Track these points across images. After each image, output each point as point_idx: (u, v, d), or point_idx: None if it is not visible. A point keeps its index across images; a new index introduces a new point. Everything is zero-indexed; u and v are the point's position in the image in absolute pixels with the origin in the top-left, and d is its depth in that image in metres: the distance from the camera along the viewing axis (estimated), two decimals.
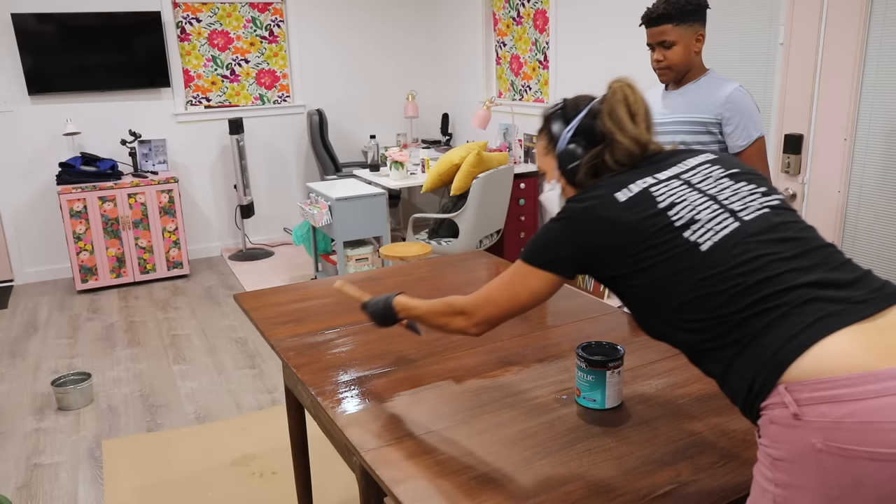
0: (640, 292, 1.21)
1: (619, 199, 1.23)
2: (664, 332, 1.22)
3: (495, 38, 5.56)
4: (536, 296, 1.32)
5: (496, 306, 1.36)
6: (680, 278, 1.16)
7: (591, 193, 1.27)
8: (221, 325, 4.32)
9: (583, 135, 1.35)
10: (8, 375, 3.72)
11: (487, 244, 4.50)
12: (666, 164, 1.29)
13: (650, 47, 2.30)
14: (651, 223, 1.19)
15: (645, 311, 1.23)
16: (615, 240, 1.21)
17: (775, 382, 1.03)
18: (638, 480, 1.26)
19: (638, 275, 1.20)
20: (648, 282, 1.19)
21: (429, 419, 1.49)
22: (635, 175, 1.28)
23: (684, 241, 1.17)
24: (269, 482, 2.70)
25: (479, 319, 1.38)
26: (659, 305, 1.19)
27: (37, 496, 2.68)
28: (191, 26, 5.47)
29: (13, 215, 5.15)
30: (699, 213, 1.19)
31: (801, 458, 1.00)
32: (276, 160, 5.99)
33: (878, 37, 2.77)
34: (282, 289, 2.33)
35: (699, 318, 1.14)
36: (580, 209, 1.26)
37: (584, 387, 1.51)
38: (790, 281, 1.09)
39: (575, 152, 1.35)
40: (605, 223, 1.22)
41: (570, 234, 1.26)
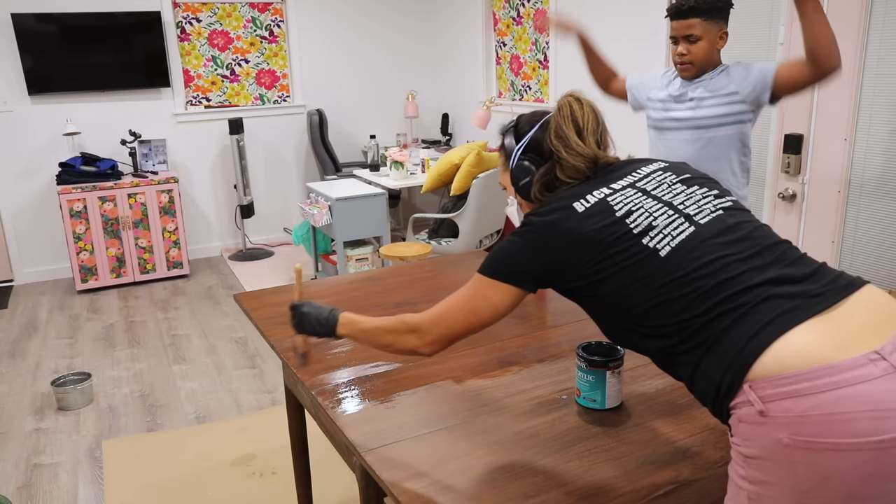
0: (602, 301, 1.22)
1: (578, 209, 1.24)
2: (630, 340, 1.22)
3: (495, 38, 5.56)
4: (497, 310, 1.29)
5: (453, 322, 1.31)
6: (641, 285, 1.17)
7: (551, 206, 1.27)
8: (221, 325, 4.32)
9: (534, 151, 1.36)
10: (8, 375, 3.73)
11: (487, 244, 4.50)
12: (619, 175, 1.30)
13: (673, 40, 2.29)
14: (610, 231, 1.20)
15: (609, 321, 1.24)
16: (577, 252, 1.21)
17: (741, 382, 1.05)
18: (638, 480, 1.26)
19: (599, 284, 1.21)
20: (610, 291, 1.20)
21: (429, 419, 1.49)
22: (590, 186, 1.28)
23: (643, 248, 1.18)
24: (269, 482, 2.70)
25: (434, 338, 1.32)
26: (622, 313, 1.20)
27: (37, 496, 2.68)
28: (191, 26, 5.47)
29: (13, 215, 5.15)
30: (656, 220, 1.20)
31: (770, 454, 1.01)
32: (276, 160, 5.99)
33: (878, 37, 2.77)
34: (282, 289, 2.33)
35: (662, 323, 1.15)
36: (541, 223, 1.25)
37: (584, 387, 1.51)
38: (747, 281, 1.11)
39: (526, 169, 1.36)
40: (567, 236, 1.22)
41: (532, 248, 1.25)
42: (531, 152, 1.36)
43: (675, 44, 2.30)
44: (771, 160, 3.22)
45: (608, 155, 1.36)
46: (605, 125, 1.37)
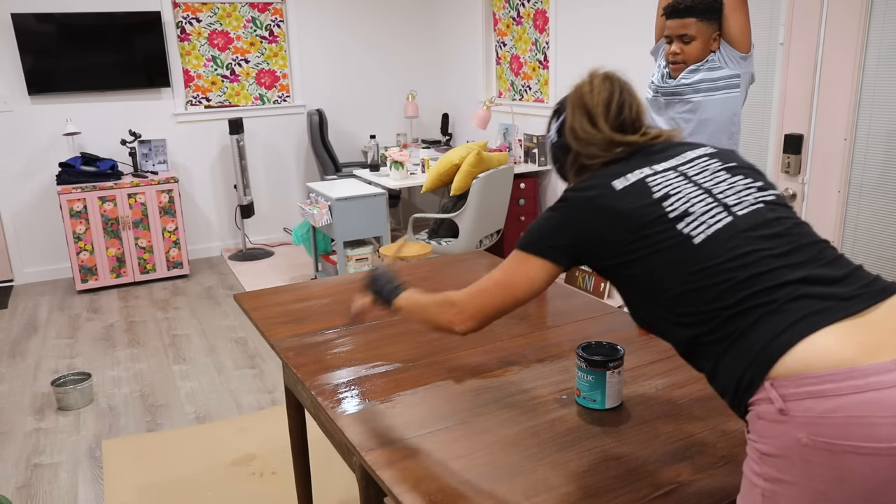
0: (635, 282, 1.21)
1: (616, 187, 1.24)
2: (657, 325, 1.22)
3: (495, 38, 5.56)
4: (533, 285, 1.29)
5: (488, 298, 1.31)
6: (672, 270, 1.16)
7: (589, 182, 1.27)
8: (221, 325, 4.32)
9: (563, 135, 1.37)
10: (8, 375, 3.72)
11: (487, 244, 4.50)
12: (663, 156, 1.29)
13: (668, 39, 2.30)
14: (645, 212, 1.20)
15: (639, 303, 1.23)
16: (612, 230, 1.21)
17: (762, 378, 1.04)
18: (638, 480, 1.26)
19: (632, 264, 1.20)
20: (642, 272, 1.19)
21: (429, 419, 1.48)
22: (632, 165, 1.28)
23: (677, 233, 1.17)
24: (269, 482, 2.70)
25: (469, 314, 1.33)
26: (653, 297, 1.19)
27: (37, 496, 2.68)
28: (191, 26, 5.47)
29: (13, 215, 5.15)
30: (693, 206, 1.19)
31: (787, 452, 1.01)
32: (276, 160, 5.99)
33: (877, 37, 2.77)
34: (282, 289, 2.33)
35: (691, 311, 1.14)
36: (578, 198, 1.26)
37: (584, 387, 1.51)
38: (780, 277, 1.10)
39: (557, 153, 1.40)
40: (603, 213, 1.22)
41: (569, 223, 1.26)
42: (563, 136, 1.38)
43: (669, 43, 2.31)
44: (771, 160, 3.22)
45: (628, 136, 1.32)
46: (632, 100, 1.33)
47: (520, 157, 5.16)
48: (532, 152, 4.99)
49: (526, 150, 5.07)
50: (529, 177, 4.90)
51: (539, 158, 4.94)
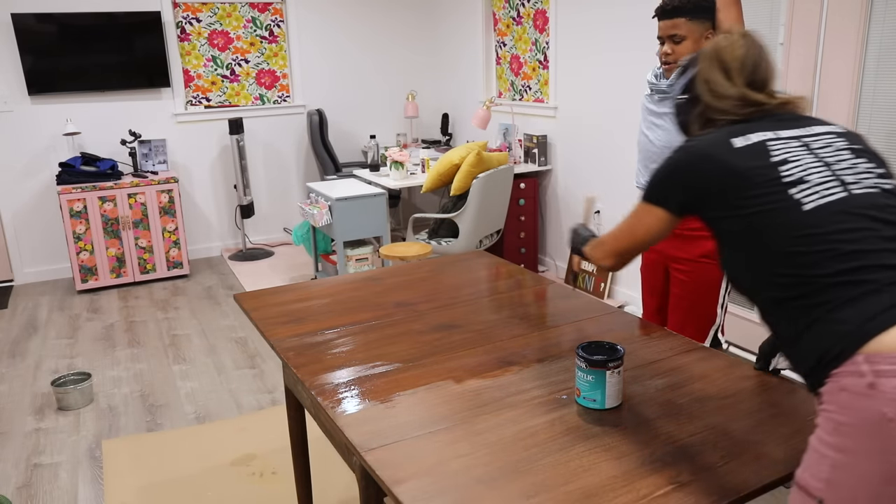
0: (736, 239, 1.25)
1: (735, 144, 1.28)
2: (750, 284, 1.25)
3: (495, 38, 5.56)
4: (650, 232, 1.41)
5: (619, 241, 1.48)
6: (777, 231, 1.19)
7: (708, 136, 1.32)
8: (221, 325, 4.32)
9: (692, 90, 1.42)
10: (8, 375, 3.72)
11: (487, 244, 4.50)
12: (790, 125, 1.32)
13: (660, 40, 2.32)
14: (759, 173, 1.23)
15: (738, 260, 1.27)
16: (721, 181, 1.26)
17: (854, 352, 1.06)
18: (638, 480, 1.26)
19: (738, 220, 1.24)
20: (746, 228, 1.23)
21: (429, 419, 1.48)
22: (756, 127, 1.31)
23: (788, 198, 1.20)
24: (269, 482, 2.70)
25: (607, 253, 1.51)
26: (752, 254, 1.22)
27: (37, 496, 2.68)
28: (191, 26, 5.47)
29: (13, 215, 5.15)
30: (809, 175, 1.22)
31: (868, 425, 1.03)
32: (276, 160, 5.99)
33: (877, 37, 2.77)
34: (282, 289, 2.33)
35: (789, 273, 1.17)
36: (695, 149, 1.31)
37: (584, 387, 1.51)
38: (885, 259, 1.12)
39: (683, 107, 1.45)
40: (715, 164, 1.27)
41: (680, 172, 1.32)
42: (691, 92, 1.43)
43: (661, 44, 2.32)
44: None
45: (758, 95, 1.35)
46: (765, 61, 1.36)
47: (520, 157, 5.16)
48: (532, 152, 4.99)
49: (526, 150, 5.07)
50: (529, 177, 4.90)
51: (539, 158, 4.94)
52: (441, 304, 2.15)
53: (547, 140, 4.94)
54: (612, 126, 4.35)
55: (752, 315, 3.55)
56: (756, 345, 3.58)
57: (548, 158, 4.98)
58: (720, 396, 1.55)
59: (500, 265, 2.53)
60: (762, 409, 1.49)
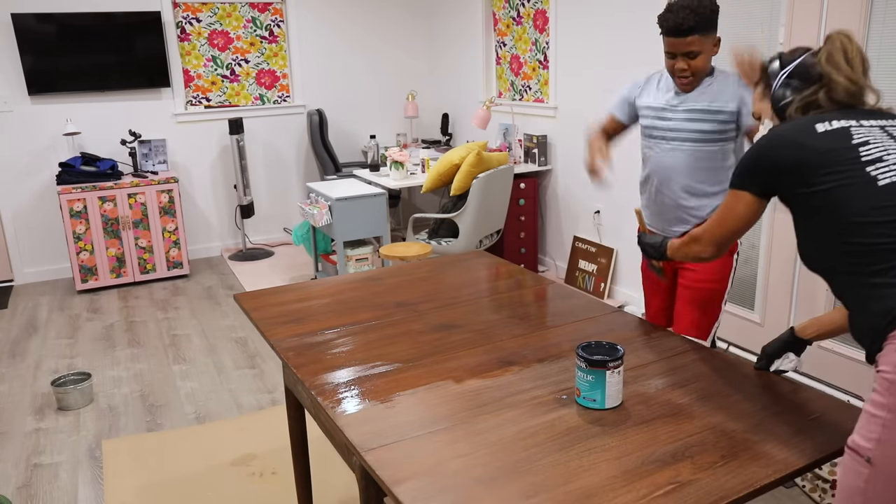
0: (813, 212, 1.36)
1: (818, 129, 1.38)
2: (822, 256, 1.36)
3: (495, 38, 5.56)
4: (741, 217, 1.52)
5: (715, 232, 1.58)
6: (852, 203, 1.30)
7: (792, 123, 1.42)
8: (221, 325, 4.32)
9: (797, 76, 1.51)
10: (8, 375, 3.72)
11: (487, 244, 4.50)
12: (874, 116, 1.42)
13: (669, 55, 2.23)
14: (839, 154, 1.33)
15: (812, 231, 1.38)
16: (800, 162, 1.36)
17: None
18: (638, 480, 1.26)
19: (817, 196, 1.34)
20: (824, 203, 1.33)
21: (429, 419, 1.49)
22: (840, 115, 1.41)
23: (864, 174, 1.31)
24: (269, 482, 2.70)
25: (707, 242, 1.61)
26: (827, 226, 1.33)
27: (37, 496, 2.68)
28: (191, 26, 5.47)
29: (13, 215, 5.15)
30: (888, 155, 1.32)
31: None
32: (276, 160, 5.99)
33: (878, 37, 2.77)
34: (282, 289, 2.33)
35: (859, 241, 1.28)
36: (777, 135, 1.42)
37: (584, 387, 1.51)
38: None
39: (787, 91, 1.52)
40: (795, 145, 1.38)
41: (763, 155, 1.43)
42: (796, 78, 1.52)
43: (671, 58, 2.24)
44: None
45: (871, 87, 1.46)
46: (868, 69, 1.48)
47: (520, 157, 5.16)
48: (532, 152, 4.99)
49: (526, 150, 5.07)
50: (529, 177, 4.90)
51: (539, 158, 4.94)
52: (441, 304, 2.15)
53: (547, 140, 4.94)
54: None
55: (752, 315, 3.56)
56: (755, 345, 3.59)
57: (548, 158, 4.98)
58: (720, 396, 1.55)
59: (500, 265, 2.53)
60: (762, 409, 1.49)
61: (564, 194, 4.89)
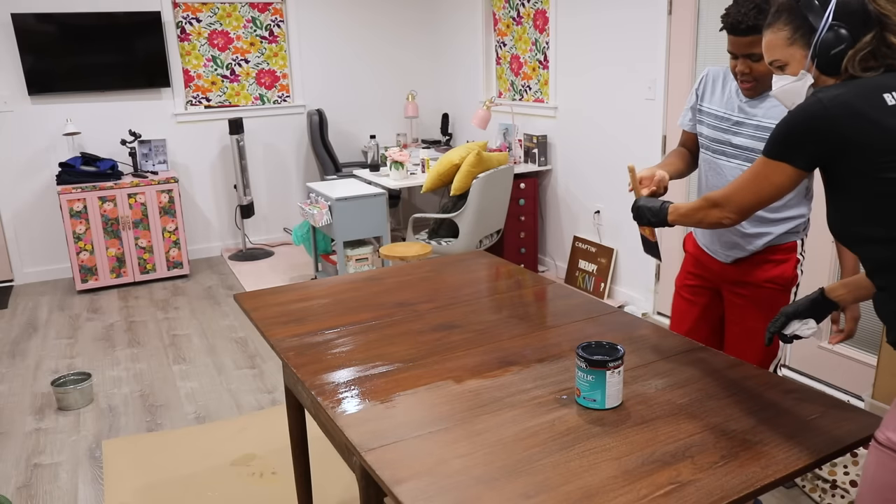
0: (865, 195, 1.23)
1: (888, 101, 1.20)
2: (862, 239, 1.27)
3: (495, 38, 5.56)
4: (780, 189, 1.36)
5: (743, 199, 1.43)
6: None
7: (854, 86, 1.22)
8: (221, 325, 4.32)
9: (844, 18, 1.26)
10: (8, 375, 3.72)
11: (487, 244, 4.50)
12: None
13: (731, 54, 1.98)
14: None
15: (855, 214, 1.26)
16: (873, 144, 1.19)
17: None
18: (638, 480, 1.26)
19: (878, 182, 1.21)
20: (884, 190, 1.21)
21: (429, 419, 1.49)
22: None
23: None
24: (269, 482, 2.70)
25: (731, 210, 1.46)
26: (879, 213, 1.22)
27: (37, 496, 2.68)
28: (191, 26, 5.47)
29: (13, 215, 5.15)
30: None
31: None
32: (276, 160, 5.99)
33: None
34: (282, 289, 2.33)
35: None
36: (838, 100, 1.21)
37: (584, 387, 1.51)
38: None
39: (841, 37, 1.27)
40: (866, 120, 1.20)
41: (820, 126, 1.23)
42: (842, 19, 1.27)
43: (733, 58, 1.98)
44: None
45: None
46: None
47: (520, 157, 5.16)
48: (532, 152, 4.99)
49: (526, 150, 5.07)
50: (529, 177, 4.90)
51: (539, 158, 4.94)
52: (441, 304, 2.15)
53: (547, 140, 4.94)
54: (612, 126, 4.35)
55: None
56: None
57: (548, 158, 4.98)
58: (720, 396, 1.55)
59: (500, 265, 2.53)
60: (762, 409, 1.49)
61: (564, 194, 4.89)
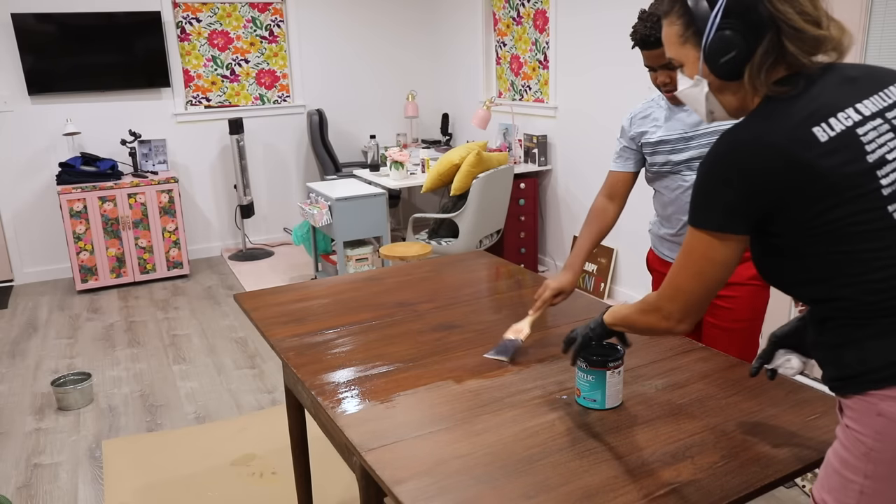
0: (804, 251, 1.05)
1: (819, 137, 0.99)
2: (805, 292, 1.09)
3: (495, 38, 5.56)
4: (726, 267, 1.12)
5: (687, 294, 1.16)
6: (864, 252, 1.01)
7: (779, 123, 1.01)
8: (221, 325, 4.32)
9: (734, 20, 1.04)
10: (8, 375, 3.72)
11: (487, 244, 4.50)
12: (866, 90, 1.04)
13: (649, 68, 1.93)
14: (856, 182, 0.98)
15: (796, 270, 1.08)
16: (808, 193, 0.99)
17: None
18: (638, 480, 1.26)
19: (818, 239, 1.03)
20: (827, 251, 1.03)
21: (429, 419, 1.48)
22: (831, 98, 1.01)
23: (886, 216, 1.00)
24: (269, 482, 2.70)
25: (678, 316, 1.19)
26: (821, 268, 1.04)
27: (37, 496, 2.68)
28: (191, 26, 5.47)
29: (13, 215, 5.15)
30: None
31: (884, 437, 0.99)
32: (276, 160, 5.99)
33: (878, 36, 2.77)
34: (282, 289, 2.33)
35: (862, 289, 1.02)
36: (761, 141, 1.01)
37: (584, 387, 1.51)
38: None
39: (729, 42, 1.05)
40: (802, 172, 0.99)
41: (750, 178, 1.02)
42: (734, 17, 1.04)
43: (652, 71, 1.93)
44: None
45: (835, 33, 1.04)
46: None
47: (520, 157, 5.16)
48: (532, 152, 4.99)
49: (526, 150, 5.06)
50: (529, 177, 4.90)
51: (539, 158, 4.93)
52: (441, 304, 2.15)
53: (547, 140, 4.94)
54: (612, 126, 4.35)
55: None
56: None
57: (548, 158, 4.98)
58: (720, 396, 1.55)
59: (500, 265, 2.53)
60: (762, 409, 1.49)
61: (564, 194, 4.89)
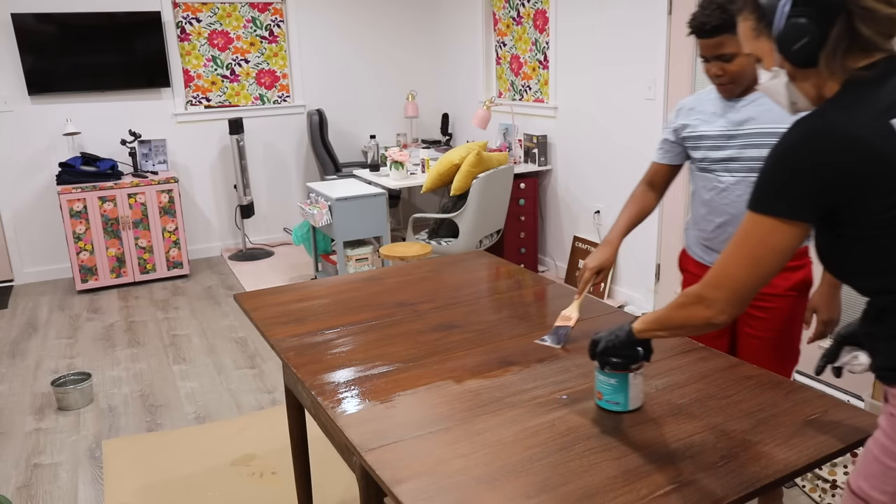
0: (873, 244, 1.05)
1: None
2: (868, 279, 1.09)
3: (495, 38, 5.56)
4: (783, 255, 1.09)
5: (736, 281, 1.12)
6: None
7: (853, 116, 1.00)
8: (221, 325, 4.32)
9: (807, 3, 1.03)
10: (8, 375, 3.72)
11: (487, 244, 4.50)
12: None
13: (703, 58, 1.89)
14: None
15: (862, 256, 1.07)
16: (881, 182, 0.99)
17: None
18: (638, 480, 1.26)
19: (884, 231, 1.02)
20: (893, 242, 1.03)
21: (429, 419, 1.48)
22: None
23: None
24: (269, 482, 2.70)
25: (722, 304, 1.15)
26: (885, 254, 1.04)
27: (37, 496, 2.68)
28: (191, 26, 5.47)
29: (13, 215, 5.15)
30: None
31: None
32: (276, 160, 5.99)
33: None
34: (282, 289, 2.33)
35: None
36: (834, 131, 1.00)
37: (607, 390, 1.48)
38: None
39: (800, 29, 1.04)
40: (876, 159, 0.98)
41: (821, 169, 1.00)
42: (803, 4, 1.03)
43: (705, 61, 1.89)
44: None
45: None
46: None
47: (520, 157, 5.16)
48: (532, 152, 4.98)
49: (526, 150, 5.06)
50: (529, 177, 4.90)
51: (539, 158, 4.93)
52: (441, 304, 2.15)
53: (547, 140, 4.94)
54: (612, 126, 4.35)
55: None
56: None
57: (548, 158, 4.98)
58: (720, 396, 1.55)
59: (500, 265, 2.53)
60: (762, 409, 1.49)
61: (564, 194, 4.89)
